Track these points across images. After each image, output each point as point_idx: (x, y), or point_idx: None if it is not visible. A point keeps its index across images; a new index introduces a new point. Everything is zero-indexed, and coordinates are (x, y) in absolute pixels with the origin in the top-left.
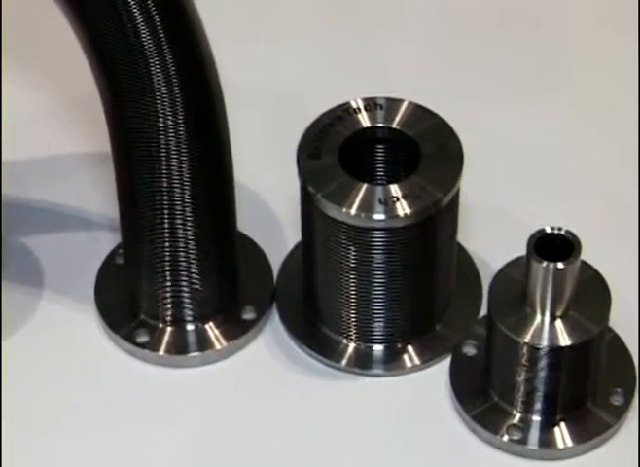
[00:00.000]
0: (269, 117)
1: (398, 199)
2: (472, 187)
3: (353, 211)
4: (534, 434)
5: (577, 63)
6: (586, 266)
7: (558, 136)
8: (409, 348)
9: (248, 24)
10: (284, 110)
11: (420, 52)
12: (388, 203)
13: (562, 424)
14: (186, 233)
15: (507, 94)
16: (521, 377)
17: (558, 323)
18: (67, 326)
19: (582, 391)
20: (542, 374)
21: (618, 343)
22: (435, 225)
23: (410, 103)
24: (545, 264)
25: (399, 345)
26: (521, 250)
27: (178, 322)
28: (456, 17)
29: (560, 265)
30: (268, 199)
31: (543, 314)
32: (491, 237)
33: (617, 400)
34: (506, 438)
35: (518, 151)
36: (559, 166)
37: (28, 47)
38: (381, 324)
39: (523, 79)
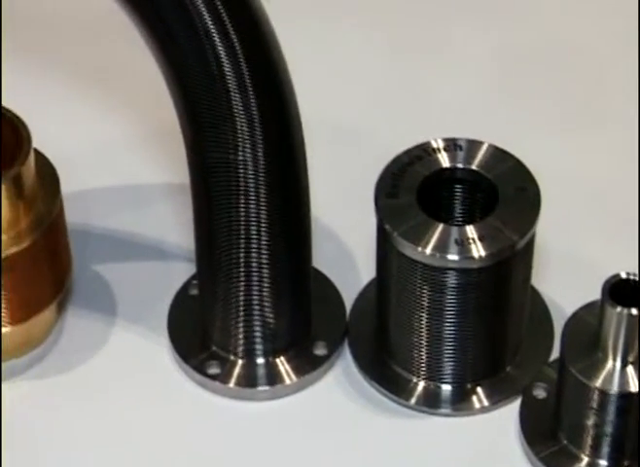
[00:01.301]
0: (347, 154)
1: (474, 241)
2: (546, 229)
3: (428, 251)
4: None
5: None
6: None
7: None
8: (479, 389)
9: (326, 60)
10: (362, 147)
11: (479, 91)
12: (464, 244)
13: None
14: (261, 268)
15: (572, 132)
16: (591, 422)
17: (630, 369)
18: (139, 355)
19: None
20: (611, 418)
21: None
22: (509, 267)
23: (490, 145)
24: (619, 309)
25: (468, 386)
26: (595, 294)
27: (249, 355)
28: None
29: (634, 311)
30: (344, 236)
31: (614, 359)
32: (564, 280)
33: None
34: None
35: (593, 193)
36: (635, 207)
37: (113, 75)
38: (452, 364)
39: (586, 114)
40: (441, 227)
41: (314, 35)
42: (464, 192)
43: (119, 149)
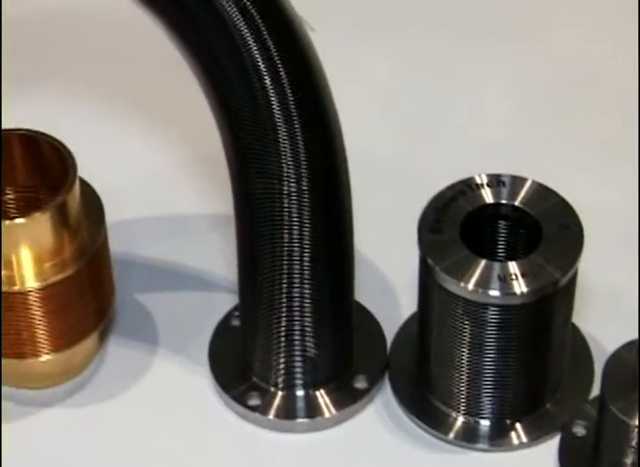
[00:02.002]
0: (391, 187)
1: (516, 277)
2: (587, 265)
3: (471, 286)
4: None
5: None
6: None
7: None
8: (518, 425)
9: (365, 93)
10: (406, 181)
11: (517, 125)
12: (506, 280)
13: None
14: (303, 300)
15: (614, 167)
16: (630, 460)
17: None
18: (179, 385)
19: None
20: None
21: None
22: (551, 304)
23: (534, 182)
24: None
25: (508, 422)
26: (635, 332)
27: (289, 387)
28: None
29: None
30: (386, 270)
31: None
32: (605, 318)
33: None
34: None
35: (636, 229)
36: None
37: (159, 105)
38: (491, 400)
39: (628, 148)
40: (483, 262)
41: (349, 66)
42: (507, 228)
43: (164, 178)
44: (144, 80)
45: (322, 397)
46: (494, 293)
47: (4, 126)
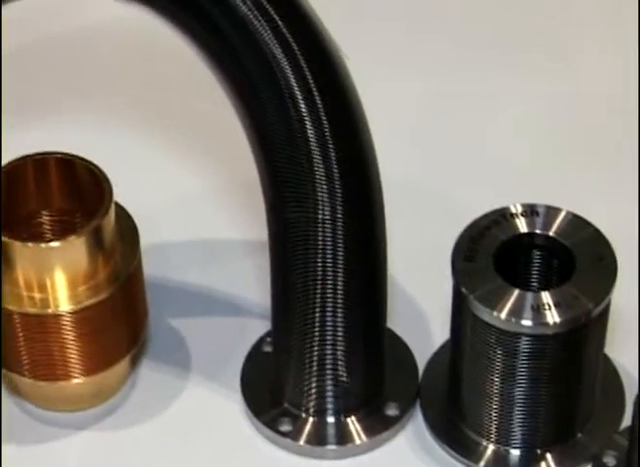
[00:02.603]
0: (425, 215)
1: (549, 307)
2: (619, 295)
3: (503, 315)
4: None
5: None
6: None
7: None
8: (548, 455)
9: (402, 123)
10: (440, 210)
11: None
12: (539, 310)
13: None
14: (335, 326)
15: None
16: None
17: None
18: (211, 410)
19: None
20: None
21: None
22: (583, 335)
23: (568, 212)
24: None
25: (538, 451)
26: None
27: (321, 413)
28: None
29: None
30: (419, 297)
31: None
32: (637, 348)
33: None
34: None
35: None
36: None
37: (195, 130)
38: (522, 429)
39: None
40: (516, 292)
41: (381, 93)
42: (541, 258)
43: (200, 203)
44: (181, 105)
45: (353, 424)
46: (527, 323)
47: (42, 150)
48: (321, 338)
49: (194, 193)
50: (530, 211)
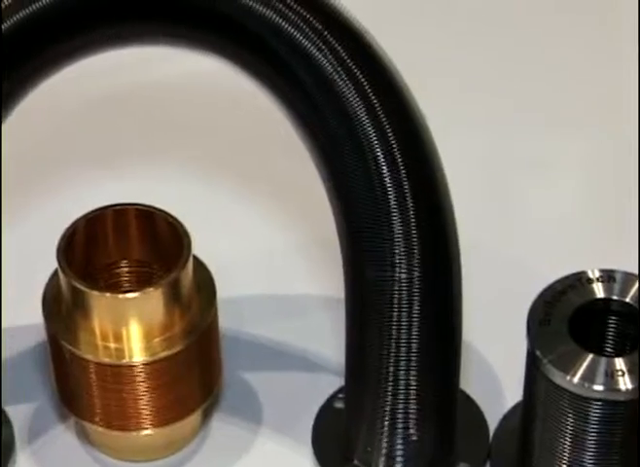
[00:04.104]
0: (501, 278)
1: (622, 373)
2: None
3: (576, 380)
4: None
5: None
6: None
7: None
8: None
9: (477, 184)
10: (515, 273)
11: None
12: (612, 376)
13: None
14: (408, 386)
15: None
16: None
17: None
18: (281, 463)
19: None
20: None
21: None
22: None
23: None
24: None
25: None
26: None
27: None
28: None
29: None
30: (492, 359)
31: None
32: None
33: None
34: None
35: None
36: None
37: (275, 185)
38: None
39: None
40: (590, 357)
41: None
42: (616, 324)
43: (277, 258)
44: (264, 162)
45: None
46: (599, 388)
47: (122, 201)
48: (393, 397)
49: (272, 248)
50: (607, 277)
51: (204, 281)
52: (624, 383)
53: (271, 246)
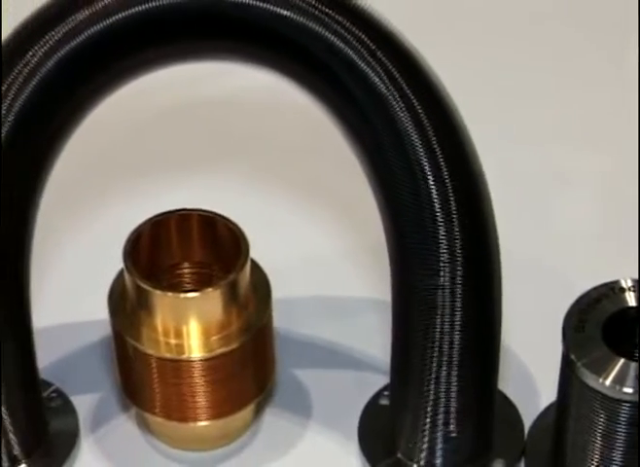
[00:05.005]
0: (537, 285)
1: None
2: None
3: (608, 382)
4: None
5: None
6: None
7: None
8: None
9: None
10: (551, 280)
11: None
12: None
13: None
14: (449, 385)
15: None
16: None
17: None
18: (328, 457)
19: None
20: None
21: None
22: None
23: None
24: None
25: None
26: None
27: (431, 466)
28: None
29: None
30: (529, 361)
31: None
32: None
33: None
34: None
35: None
36: None
37: (326, 191)
38: None
39: None
40: (621, 361)
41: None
42: None
43: (329, 262)
44: (318, 173)
45: None
46: (629, 390)
47: (186, 206)
48: (435, 396)
49: (323, 253)
50: (639, 286)
51: (260, 283)
52: None
53: (323, 251)
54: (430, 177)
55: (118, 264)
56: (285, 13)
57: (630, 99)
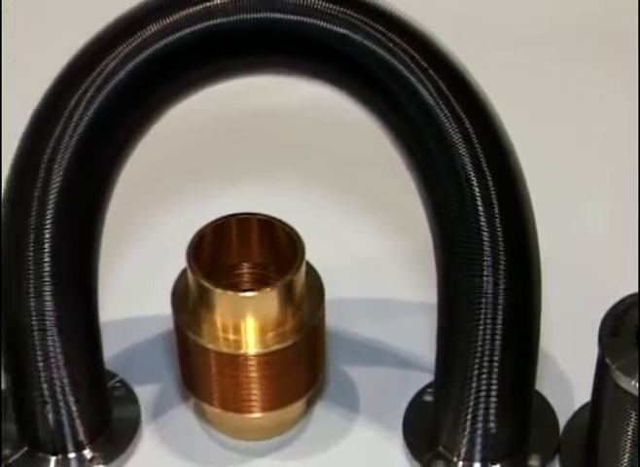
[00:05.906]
0: (574, 292)
1: None
2: None
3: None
4: None
5: None
6: None
7: None
8: None
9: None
10: (586, 286)
11: None
12: None
13: None
14: (490, 384)
15: None
16: None
17: None
18: (374, 449)
19: None
20: None
21: None
22: None
23: None
24: None
25: None
26: None
27: (470, 460)
28: None
29: None
30: (565, 363)
31: None
32: None
33: None
34: None
35: None
36: None
37: (377, 202)
38: None
39: None
40: None
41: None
42: None
43: (380, 264)
44: (367, 179)
45: None
46: None
47: (246, 211)
48: (476, 395)
49: (374, 256)
50: None
51: (314, 284)
52: None
53: (374, 255)
54: (476, 189)
55: (181, 263)
56: (343, 31)
57: None
